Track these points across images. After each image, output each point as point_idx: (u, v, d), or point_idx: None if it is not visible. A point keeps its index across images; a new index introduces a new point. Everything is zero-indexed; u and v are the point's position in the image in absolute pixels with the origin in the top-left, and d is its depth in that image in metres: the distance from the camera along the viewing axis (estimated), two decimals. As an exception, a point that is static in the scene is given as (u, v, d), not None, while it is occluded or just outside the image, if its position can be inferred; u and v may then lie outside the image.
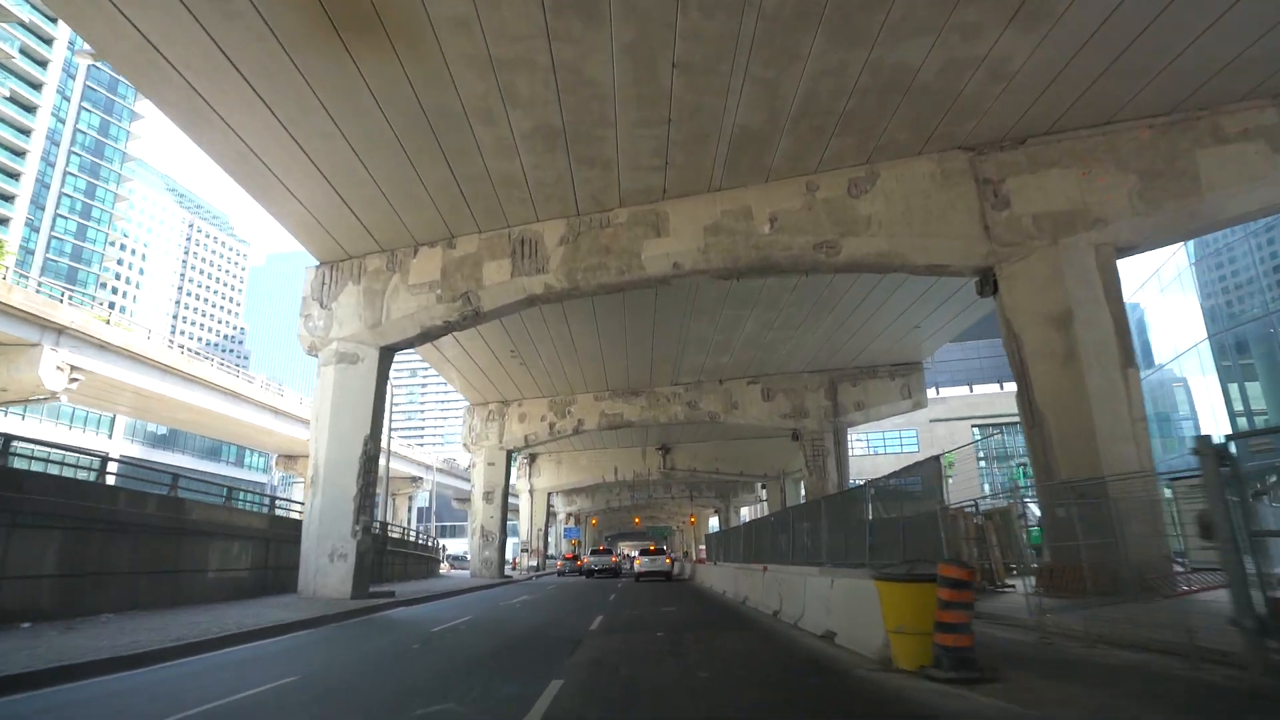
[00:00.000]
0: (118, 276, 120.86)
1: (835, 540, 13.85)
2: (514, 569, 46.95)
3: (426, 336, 16.46)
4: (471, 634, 10.31)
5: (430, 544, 35.83)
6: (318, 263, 17.34)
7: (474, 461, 32.33)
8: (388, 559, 23.23)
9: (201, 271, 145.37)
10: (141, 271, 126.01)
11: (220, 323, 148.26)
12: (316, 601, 14.16)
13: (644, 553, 32.42)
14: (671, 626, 10.74)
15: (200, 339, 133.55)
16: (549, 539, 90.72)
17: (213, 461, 65.00)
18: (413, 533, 33.72)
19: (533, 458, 46.85)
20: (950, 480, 14.71)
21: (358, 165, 13.61)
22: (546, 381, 29.20)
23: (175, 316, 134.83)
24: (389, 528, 25.74)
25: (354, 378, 16.20)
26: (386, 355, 16.63)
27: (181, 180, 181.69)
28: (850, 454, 41.14)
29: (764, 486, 43.80)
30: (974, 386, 61.19)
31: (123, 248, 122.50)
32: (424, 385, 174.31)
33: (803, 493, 44.39)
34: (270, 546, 16.44)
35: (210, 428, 41.15)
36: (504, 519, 31.22)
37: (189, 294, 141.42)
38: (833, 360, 26.72)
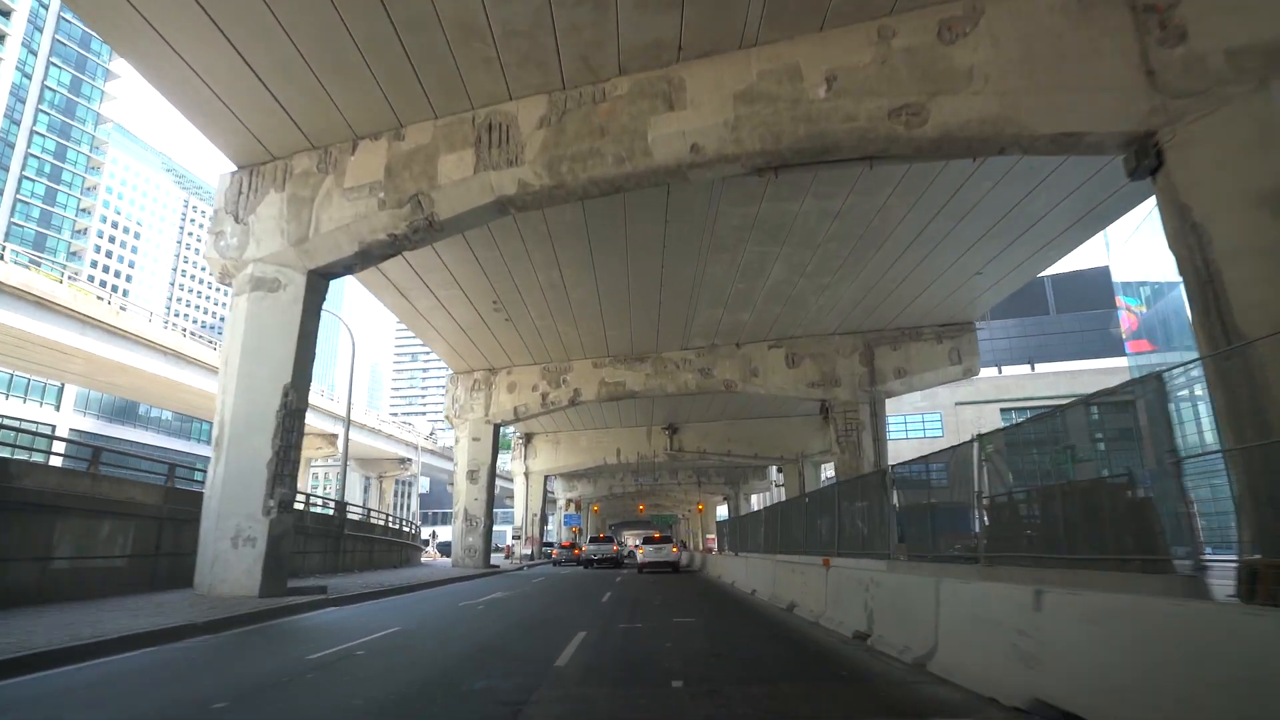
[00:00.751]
0: (110, 255, 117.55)
1: (917, 525, 10.12)
2: (507, 557, 43.43)
3: (367, 257, 12.68)
4: (364, 667, 6.55)
5: (408, 529, 32.19)
6: (235, 168, 13.57)
7: (457, 437, 28.67)
8: (345, 544, 19.61)
9: (198, 251, 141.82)
10: (135, 250, 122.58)
11: (218, 304, 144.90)
12: (206, 601, 10.50)
13: (648, 540, 28.74)
14: (695, 662, 6.72)
15: (196, 320, 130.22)
16: (547, 526, 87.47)
17: (181, 439, 61.05)
18: (380, 515, 30.01)
19: (528, 438, 43.24)
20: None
21: (266, 15, 9.85)
22: (538, 345, 25.45)
23: (170, 297, 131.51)
24: (347, 508, 22.14)
25: (273, 310, 12.46)
26: (317, 283, 12.87)
27: (178, 158, 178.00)
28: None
29: (780, 470, 40.09)
30: (1003, 368, 57.17)
31: (115, 225, 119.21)
32: (425, 370, 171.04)
33: (824, 476, 40.69)
34: (165, 528, 12.77)
35: (156, 395, 37.20)
36: (490, 501, 27.58)
37: (186, 274, 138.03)
38: (870, 319, 22.86)
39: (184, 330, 35.79)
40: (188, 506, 12.95)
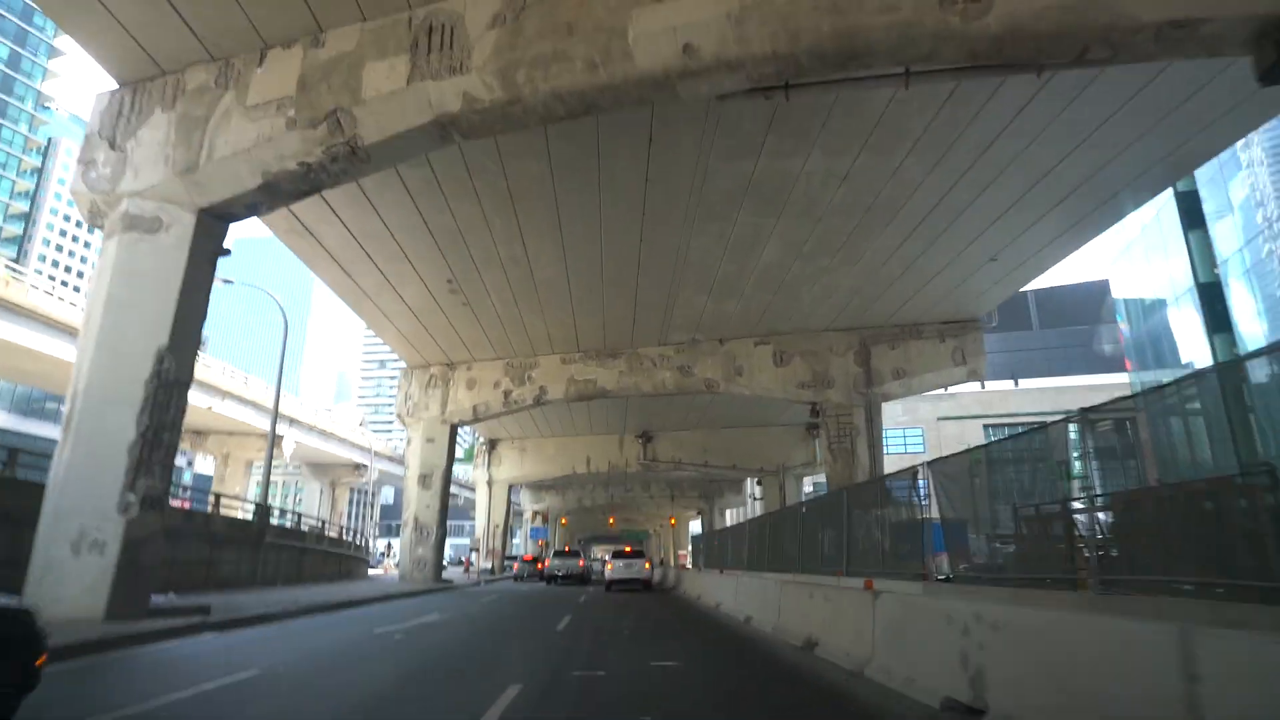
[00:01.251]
0: (60, 249, 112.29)
1: (959, 534, 7.84)
2: (466, 571, 40.51)
3: (274, 192, 10.16)
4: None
5: (351, 539, 29.24)
6: (115, 85, 11.00)
7: (409, 438, 25.96)
8: (266, 554, 16.83)
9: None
10: (89, 245, 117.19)
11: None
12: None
13: (617, 555, 26.20)
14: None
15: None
16: (512, 538, 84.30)
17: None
18: (316, 522, 27.04)
19: (492, 444, 40.54)
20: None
21: None
22: (500, 336, 22.94)
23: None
24: (271, 511, 19.31)
25: (152, 255, 9.88)
26: (211, 226, 10.31)
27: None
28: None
29: (759, 483, 37.88)
30: (985, 383, 55.70)
31: (66, 218, 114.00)
32: (394, 378, 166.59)
33: (807, 489, 38.52)
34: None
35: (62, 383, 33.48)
36: (444, 509, 24.88)
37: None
38: (868, 313, 20.76)
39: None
40: (35, 502, 10.20)
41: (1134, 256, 41.33)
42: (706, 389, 23.05)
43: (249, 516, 19.21)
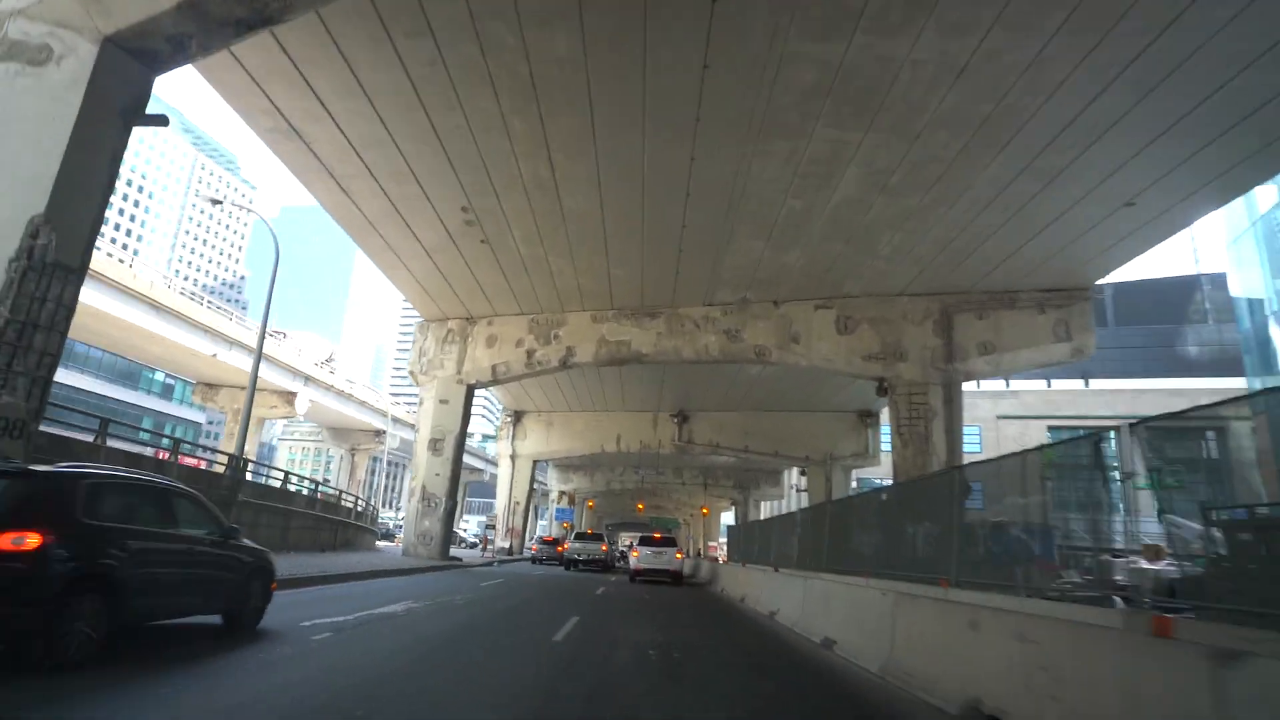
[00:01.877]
0: (121, 213, 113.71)
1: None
2: (483, 550, 38.29)
3: (201, 15, 7.46)
4: None
5: (354, 505, 27.00)
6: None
7: (421, 398, 23.54)
8: (241, 517, 14.40)
9: (203, 212, 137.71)
10: (136, 204, 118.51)
11: (220, 266, 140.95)
12: None
13: (645, 541, 23.39)
14: None
15: (196, 281, 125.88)
16: (534, 519, 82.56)
17: (126, 388, 53.23)
18: (310, 484, 24.72)
19: (518, 416, 38.15)
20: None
21: None
22: (525, 286, 20.26)
23: (171, 257, 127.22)
24: (246, 465, 16.91)
25: (32, 96, 7.30)
26: (121, 65, 7.66)
27: (190, 115, 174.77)
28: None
29: (804, 473, 34.73)
30: (1052, 382, 51.43)
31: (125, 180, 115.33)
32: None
33: (854, 483, 35.28)
34: None
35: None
36: (455, 479, 22.42)
37: (190, 234, 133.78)
38: (953, 275, 17.54)
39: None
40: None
41: (1244, 250, 36.98)
42: (756, 357, 20.05)
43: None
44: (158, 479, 7.09)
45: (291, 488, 20.71)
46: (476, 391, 23.63)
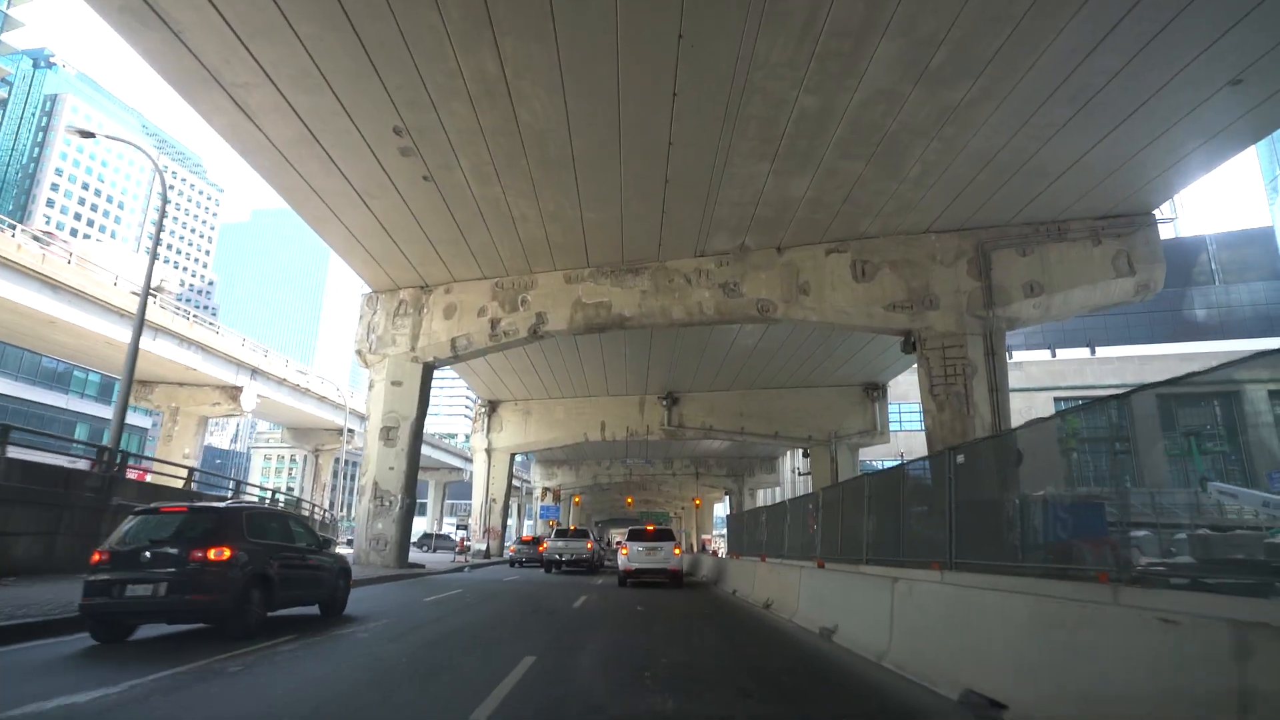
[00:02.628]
0: (76, 215, 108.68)
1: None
2: (460, 553, 35.13)
3: None
4: None
5: (316, 515, 23.74)
6: None
7: (371, 381, 20.36)
8: (117, 523, 11.17)
9: (166, 215, 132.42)
10: (93, 208, 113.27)
11: (187, 272, 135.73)
12: None
13: (635, 535, 20.14)
14: None
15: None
16: (521, 518, 79.23)
17: (56, 391, 47.59)
18: (268, 495, 21.41)
19: (493, 407, 35.01)
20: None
21: None
22: (484, 242, 17.17)
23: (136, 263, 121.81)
24: (125, 459, 13.62)
25: None
26: None
27: (151, 115, 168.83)
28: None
29: (806, 454, 31.86)
30: (1057, 351, 48.97)
31: (71, 179, 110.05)
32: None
33: (856, 461, 32.43)
34: None
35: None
36: (412, 472, 19.29)
37: (151, 237, 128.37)
38: (990, 205, 14.68)
39: None
40: None
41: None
42: (760, 314, 17.09)
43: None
44: (278, 508, 11.64)
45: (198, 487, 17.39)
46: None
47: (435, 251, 17.92)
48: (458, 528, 36.23)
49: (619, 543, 17.00)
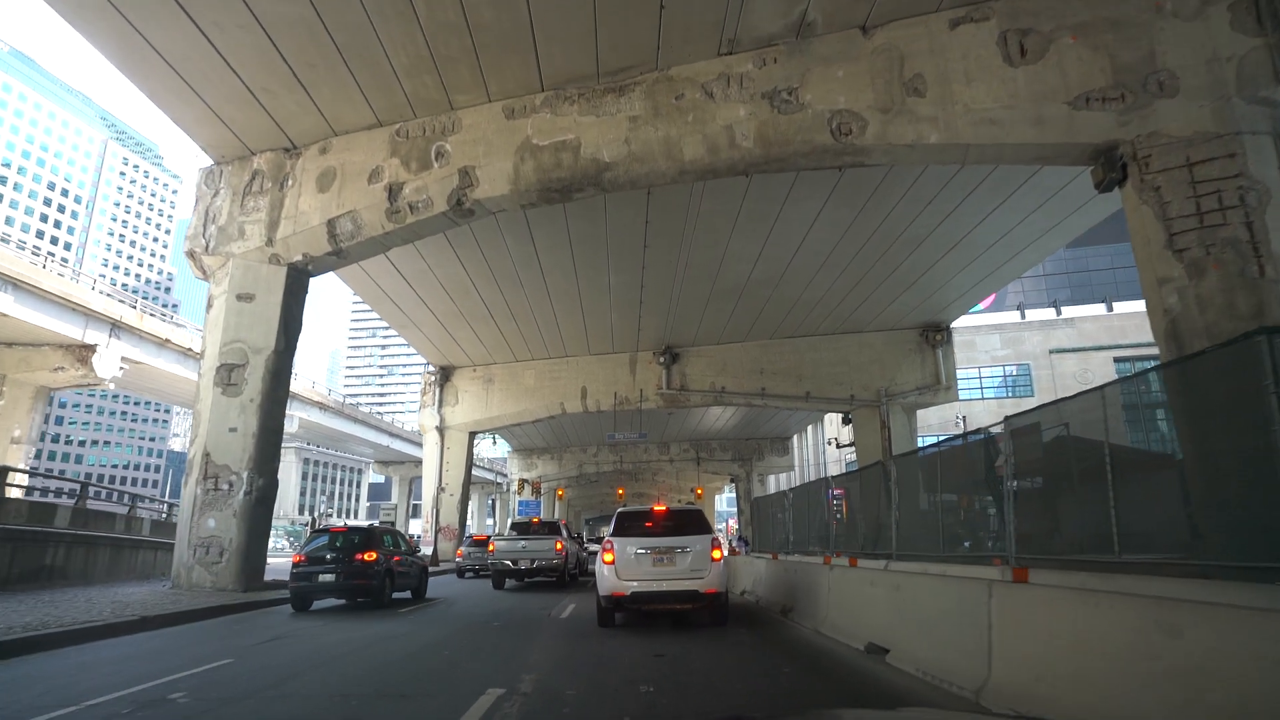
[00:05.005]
0: (41, 217, 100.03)
1: None
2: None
3: None
4: None
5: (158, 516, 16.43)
6: None
7: (210, 298, 13.02)
8: None
9: (119, 204, 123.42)
10: (33, 195, 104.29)
11: (139, 264, 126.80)
12: None
13: (629, 526, 10.33)
14: None
15: (113, 280, 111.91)
16: (491, 518, 71.15)
17: None
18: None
19: (445, 375, 27.76)
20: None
21: None
22: (372, 57, 9.92)
23: (80, 251, 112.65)
24: None
25: None
26: None
27: (99, 98, 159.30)
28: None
29: (847, 420, 24.83)
30: (1113, 304, 42.19)
31: (7, 164, 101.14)
32: (384, 347, 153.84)
33: (917, 426, 25.20)
34: None
35: None
36: (269, 438, 12.03)
37: (101, 228, 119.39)
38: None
39: None
40: None
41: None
42: (835, 139, 9.84)
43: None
44: (391, 527, 18.13)
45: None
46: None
47: (297, 79, 10.68)
48: (382, 520, 28.86)
49: (602, 544, 8.17)
